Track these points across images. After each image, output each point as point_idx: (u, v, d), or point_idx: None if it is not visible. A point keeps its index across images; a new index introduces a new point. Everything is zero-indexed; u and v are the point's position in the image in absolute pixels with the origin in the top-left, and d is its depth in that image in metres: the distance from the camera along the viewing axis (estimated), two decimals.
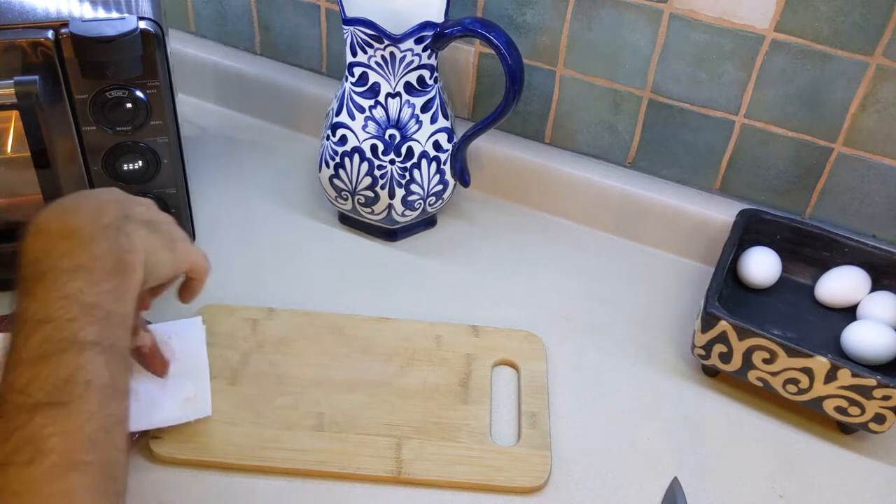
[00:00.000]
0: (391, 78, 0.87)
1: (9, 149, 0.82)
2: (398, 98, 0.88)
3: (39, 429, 0.41)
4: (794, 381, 0.78)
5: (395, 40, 0.83)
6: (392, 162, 0.90)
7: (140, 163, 0.81)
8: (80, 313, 0.45)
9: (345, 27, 0.85)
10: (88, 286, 0.46)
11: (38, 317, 0.45)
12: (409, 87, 0.88)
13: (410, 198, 0.92)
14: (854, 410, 0.76)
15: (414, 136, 0.89)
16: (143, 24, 0.74)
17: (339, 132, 0.91)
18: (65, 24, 0.72)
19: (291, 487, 0.73)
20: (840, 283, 0.87)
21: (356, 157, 0.90)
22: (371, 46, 0.84)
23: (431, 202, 0.95)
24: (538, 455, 0.76)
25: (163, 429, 0.74)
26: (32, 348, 0.44)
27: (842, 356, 0.80)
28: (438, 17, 0.86)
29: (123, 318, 0.48)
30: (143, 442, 0.74)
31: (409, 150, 0.90)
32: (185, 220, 0.87)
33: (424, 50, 0.85)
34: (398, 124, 0.89)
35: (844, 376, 0.75)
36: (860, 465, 0.79)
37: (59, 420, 0.41)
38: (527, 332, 0.87)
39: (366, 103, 0.89)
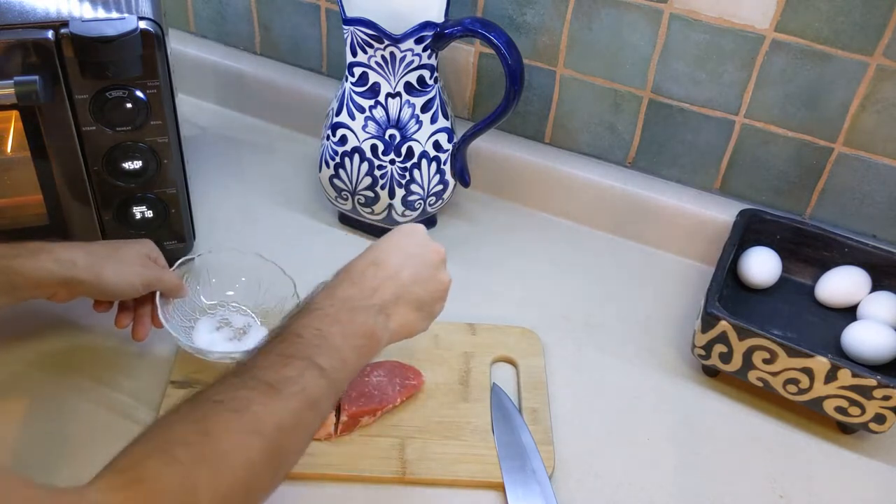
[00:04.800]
0: (391, 78, 0.87)
1: (9, 149, 0.82)
2: (398, 98, 0.88)
3: (254, 397, 0.53)
4: (795, 381, 0.78)
5: (395, 40, 0.83)
6: (392, 162, 0.90)
7: (140, 163, 0.81)
8: (325, 346, 0.58)
9: (345, 27, 0.85)
10: (340, 335, 0.60)
11: (298, 332, 0.59)
12: (409, 87, 0.88)
13: (410, 198, 0.92)
14: (854, 410, 0.76)
15: (414, 136, 0.89)
16: (143, 24, 0.74)
17: (340, 132, 0.91)
18: (65, 24, 0.72)
19: (296, 492, 0.73)
20: (840, 283, 0.87)
21: (356, 157, 0.90)
22: (371, 46, 0.84)
23: (431, 202, 0.95)
24: (541, 450, 0.76)
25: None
26: (281, 348, 0.58)
27: (842, 356, 0.80)
28: (438, 17, 0.86)
29: (352, 368, 0.61)
30: None
31: (409, 150, 0.90)
32: (185, 220, 0.87)
33: (424, 50, 0.85)
34: (398, 124, 0.89)
35: (844, 376, 0.75)
36: (860, 465, 0.79)
37: (268, 400, 0.54)
38: (523, 328, 0.87)
39: (366, 103, 0.89)
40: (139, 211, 0.84)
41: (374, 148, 0.89)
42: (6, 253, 0.72)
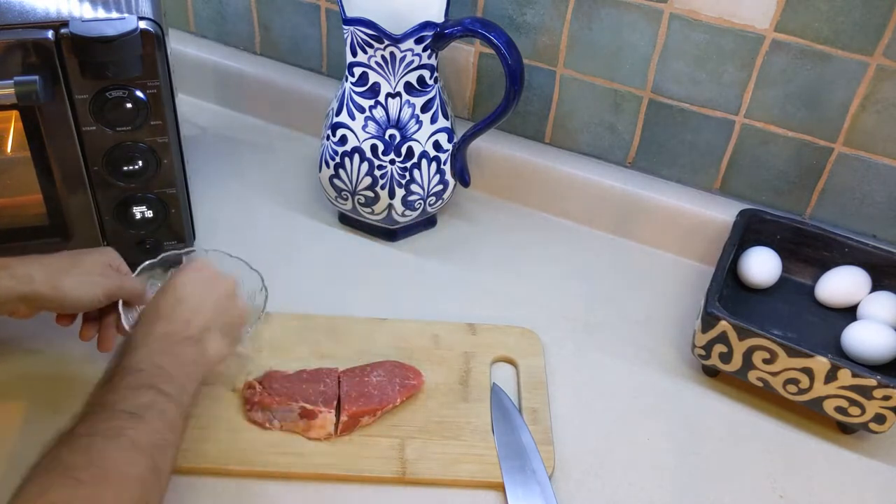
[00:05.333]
0: (391, 78, 0.87)
1: (9, 149, 0.82)
2: (398, 98, 0.88)
3: (121, 424, 0.58)
4: (795, 381, 0.78)
5: (396, 40, 0.83)
6: (392, 162, 0.90)
7: (140, 163, 0.81)
8: (164, 376, 0.64)
9: (345, 27, 0.85)
10: (172, 364, 0.65)
11: (136, 367, 0.63)
12: (409, 87, 0.88)
13: (410, 198, 0.92)
14: (854, 410, 0.76)
15: (414, 136, 0.89)
16: (143, 24, 0.74)
17: (340, 132, 0.91)
18: (65, 24, 0.72)
19: (296, 492, 0.73)
20: (840, 283, 0.87)
21: (356, 157, 0.90)
22: (371, 46, 0.84)
23: (431, 202, 0.95)
24: (541, 450, 0.76)
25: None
26: (128, 382, 0.62)
27: (842, 356, 0.80)
28: (438, 17, 0.86)
29: (190, 392, 0.66)
30: None
31: (409, 150, 0.90)
32: (185, 220, 0.87)
33: (424, 50, 0.85)
34: (398, 124, 0.89)
35: (844, 376, 0.75)
36: (860, 465, 0.79)
37: (136, 424, 0.59)
38: (523, 328, 0.87)
39: (366, 103, 0.89)
40: (139, 211, 0.84)
41: (374, 148, 0.89)
42: None
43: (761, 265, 0.89)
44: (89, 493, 0.54)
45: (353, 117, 0.89)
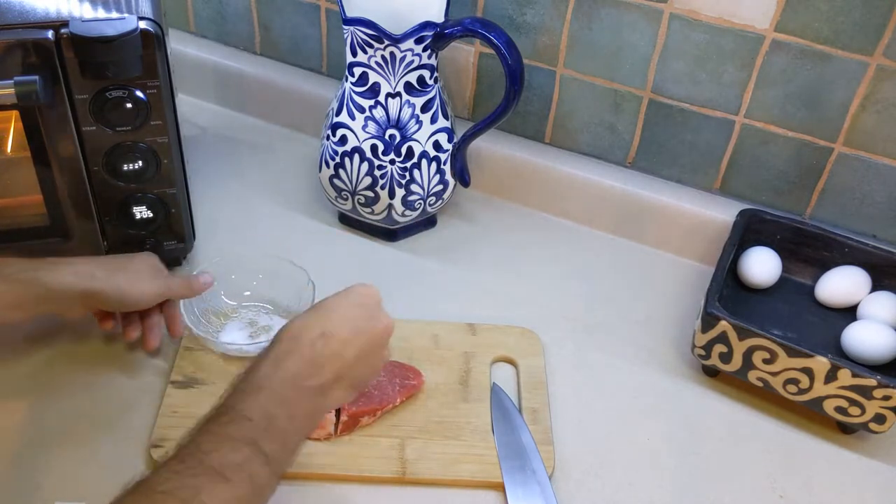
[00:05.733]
0: (391, 78, 0.87)
1: (9, 149, 0.82)
2: (398, 98, 0.88)
3: (202, 484, 0.53)
4: (795, 381, 0.78)
5: (396, 40, 0.83)
6: (392, 162, 0.90)
7: (140, 163, 0.81)
8: (271, 430, 0.58)
9: (345, 27, 0.85)
10: (285, 418, 0.59)
11: (244, 413, 0.57)
12: (409, 87, 0.88)
13: (410, 198, 0.92)
14: (854, 410, 0.76)
15: (414, 136, 0.89)
16: (143, 24, 0.73)
17: (339, 132, 0.91)
18: (65, 24, 0.72)
19: (296, 491, 0.73)
20: (840, 283, 0.87)
21: (356, 157, 0.90)
22: (371, 46, 0.84)
23: (431, 202, 0.95)
24: (541, 450, 0.76)
25: (164, 437, 0.74)
26: (229, 431, 0.56)
27: (842, 356, 0.80)
28: (438, 17, 0.86)
29: (292, 450, 0.60)
30: (144, 450, 0.74)
31: (409, 150, 0.90)
32: (185, 220, 0.87)
33: (424, 50, 0.85)
34: (398, 124, 0.89)
35: (844, 376, 0.75)
36: (860, 465, 0.79)
37: (216, 489, 0.53)
38: (523, 328, 0.87)
39: (366, 103, 0.89)
40: (139, 211, 0.84)
41: (374, 148, 0.89)
42: (26, 266, 0.73)
43: (761, 265, 0.89)
44: None
45: (353, 117, 0.89)
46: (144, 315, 0.81)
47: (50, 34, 0.72)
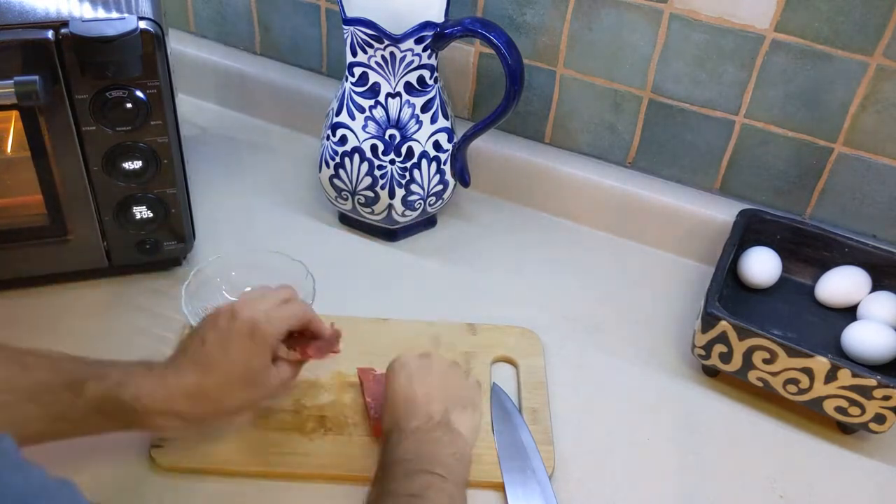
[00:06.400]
0: (391, 78, 0.87)
1: (9, 149, 0.82)
2: (398, 98, 0.88)
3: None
4: (795, 381, 0.78)
5: (396, 40, 0.83)
6: (392, 162, 0.90)
7: (140, 163, 0.81)
8: (433, 461, 0.64)
9: (345, 27, 0.85)
10: (435, 452, 0.66)
11: (404, 457, 0.65)
12: (409, 87, 0.88)
13: (410, 198, 0.92)
14: (854, 410, 0.76)
15: (414, 136, 0.89)
16: (143, 24, 0.73)
17: (339, 132, 0.91)
18: (65, 24, 0.72)
19: (296, 492, 0.73)
20: (840, 283, 0.87)
21: (356, 157, 0.90)
22: (371, 46, 0.84)
23: (431, 202, 0.95)
24: (541, 450, 0.76)
25: (164, 437, 0.74)
26: (402, 470, 0.64)
27: (842, 356, 0.80)
28: (438, 17, 0.86)
29: (460, 471, 0.66)
30: (145, 451, 0.74)
31: (409, 150, 0.90)
32: (185, 221, 0.87)
33: (424, 50, 0.85)
34: (398, 124, 0.89)
35: (844, 376, 0.75)
36: (860, 465, 0.79)
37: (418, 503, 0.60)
38: (523, 328, 0.87)
39: (366, 103, 0.89)
40: (139, 211, 0.84)
41: (374, 148, 0.89)
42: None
43: (761, 265, 0.89)
44: None
45: (353, 117, 0.89)
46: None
47: (50, 34, 0.72)
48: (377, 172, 0.90)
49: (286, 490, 0.73)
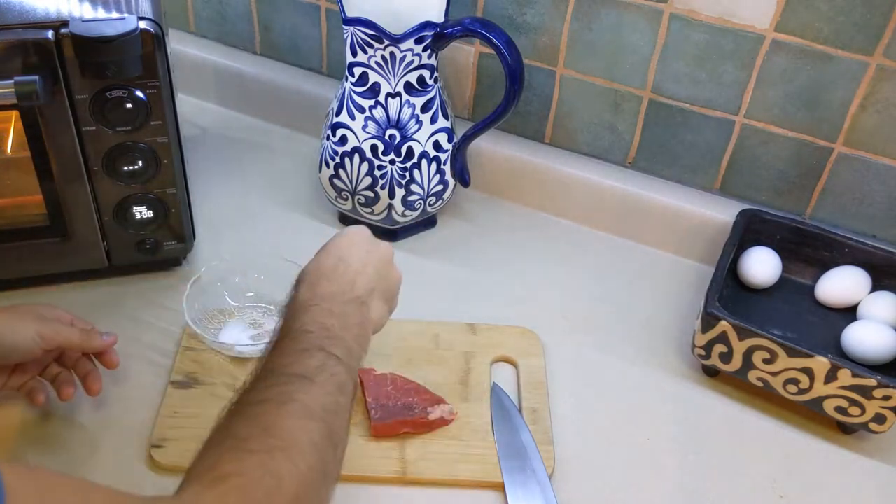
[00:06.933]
0: (391, 78, 0.87)
1: (9, 149, 0.82)
2: (398, 98, 0.88)
3: (293, 389, 0.56)
4: (795, 381, 0.78)
5: (395, 40, 0.83)
6: (392, 162, 0.90)
7: (140, 163, 0.81)
8: (331, 337, 0.61)
9: (345, 27, 0.85)
10: (340, 327, 0.62)
11: (304, 328, 0.61)
12: (409, 87, 0.88)
13: (410, 198, 0.92)
14: (854, 410, 0.76)
15: (414, 136, 0.89)
16: (143, 24, 0.73)
17: (339, 132, 0.91)
18: (65, 24, 0.72)
19: None
20: (840, 283, 0.87)
21: (356, 157, 0.90)
22: (371, 46, 0.84)
23: (431, 202, 0.95)
24: (541, 450, 0.76)
25: (164, 437, 0.74)
26: (297, 346, 0.60)
27: (842, 356, 0.80)
28: (438, 17, 0.86)
29: (357, 356, 0.63)
30: (145, 451, 0.74)
31: (409, 150, 0.90)
32: (185, 221, 0.87)
33: (424, 50, 0.85)
34: (398, 124, 0.89)
35: (845, 376, 0.75)
36: (860, 465, 0.79)
37: (305, 388, 0.56)
38: (523, 328, 0.87)
39: (366, 103, 0.89)
40: (139, 211, 0.84)
41: (374, 148, 0.89)
42: None
43: (761, 265, 0.89)
44: (262, 461, 0.51)
45: (353, 117, 0.89)
46: (74, 367, 0.76)
47: (50, 34, 0.72)
48: (377, 172, 0.90)
49: None
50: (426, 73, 0.88)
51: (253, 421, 0.54)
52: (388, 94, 0.87)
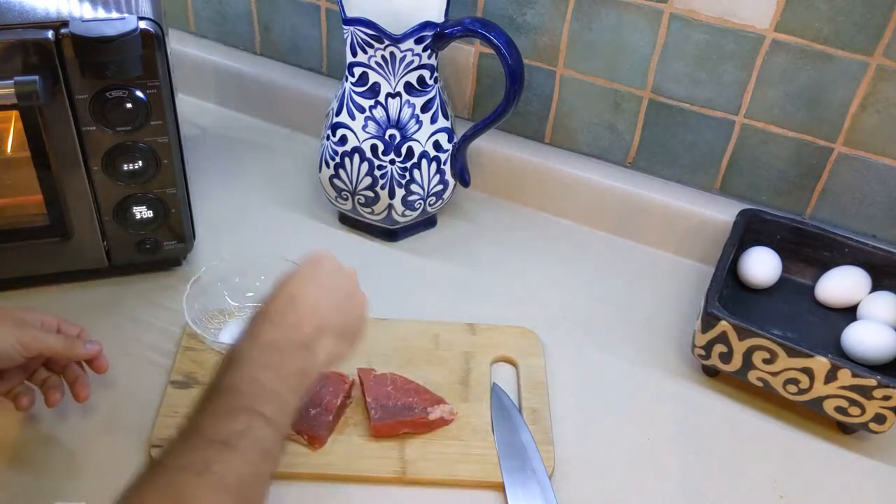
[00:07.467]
0: (391, 78, 0.87)
1: (9, 149, 0.82)
2: (398, 98, 0.88)
3: (211, 457, 0.54)
4: (795, 381, 0.78)
5: (396, 40, 0.83)
6: (392, 162, 0.90)
7: (140, 163, 0.81)
8: (262, 394, 0.58)
9: (345, 27, 0.85)
10: (275, 379, 0.59)
11: (234, 386, 0.58)
12: (409, 87, 0.88)
13: (410, 198, 0.92)
14: (854, 410, 0.76)
15: (414, 136, 0.89)
16: (143, 24, 0.73)
17: (339, 132, 0.91)
18: (65, 24, 0.72)
19: (296, 492, 0.73)
20: (840, 283, 0.87)
21: (356, 157, 0.90)
22: (371, 46, 0.84)
23: (431, 202, 0.95)
24: (541, 450, 0.76)
25: (164, 437, 0.74)
26: (222, 405, 0.57)
27: (842, 356, 0.80)
28: (438, 17, 0.86)
29: (291, 408, 0.60)
30: (145, 451, 0.74)
31: (409, 150, 0.90)
32: (185, 221, 0.87)
33: (424, 50, 0.85)
34: (398, 124, 0.89)
35: (845, 376, 0.75)
36: (860, 465, 0.79)
37: (226, 457, 0.54)
38: (523, 328, 0.87)
39: (366, 103, 0.89)
40: (139, 211, 0.84)
41: (374, 148, 0.89)
42: None
43: (761, 265, 0.89)
44: None
45: (353, 117, 0.89)
46: (62, 372, 0.75)
47: (50, 34, 0.72)
48: (377, 172, 0.90)
49: (287, 490, 0.73)
50: (426, 73, 0.88)
51: (165, 489, 0.52)
52: (388, 94, 0.88)
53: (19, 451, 0.74)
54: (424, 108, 0.89)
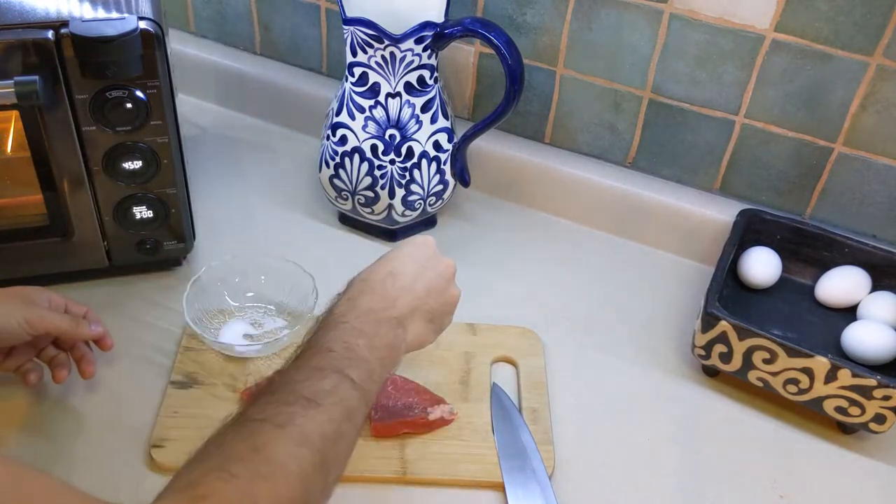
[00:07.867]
0: (391, 78, 0.87)
1: (9, 149, 0.82)
2: (398, 98, 0.88)
3: (294, 411, 0.54)
4: (795, 381, 0.78)
5: (395, 40, 0.83)
6: (392, 162, 0.90)
7: (140, 163, 0.81)
8: (353, 359, 0.60)
9: (345, 27, 0.85)
10: (366, 348, 0.61)
11: (328, 346, 0.60)
12: (409, 87, 0.88)
13: (410, 198, 0.92)
14: (854, 410, 0.76)
15: (414, 136, 0.89)
16: (143, 24, 0.73)
17: (340, 132, 0.91)
18: (65, 24, 0.72)
19: None
20: (840, 283, 0.87)
21: (356, 157, 0.90)
22: (371, 46, 0.84)
23: (431, 202, 0.95)
24: (541, 450, 0.76)
25: (164, 437, 0.74)
26: (314, 362, 0.59)
27: (842, 356, 0.80)
28: (438, 17, 0.86)
29: (378, 379, 0.62)
30: (145, 450, 0.74)
31: (409, 150, 0.90)
32: (185, 221, 0.87)
33: (424, 50, 0.85)
34: (398, 124, 0.89)
35: (845, 376, 0.75)
36: (860, 465, 0.79)
37: (310, 413, 0.55)
38: (523, 328, 0.87)
39: (366, 103, 0.89)
40: (139, 211, 0.84)
41: (374, 148, 0.89)
42: None
43: (761, 265, 0.89)
44: (242, 486, 0.49)
45: (353, 117, 0.89)
46: (69, 350, 0.77)
47: (50, 34, 0.72)
48: (377, 172, 0.90)
49: None
50: (426, 73, 0.88)
51: (247, 440, 0.52)
52: (388, 94, 0.88)
53: (20, 452, 0.74)
54: (424, 108, 0.89)
